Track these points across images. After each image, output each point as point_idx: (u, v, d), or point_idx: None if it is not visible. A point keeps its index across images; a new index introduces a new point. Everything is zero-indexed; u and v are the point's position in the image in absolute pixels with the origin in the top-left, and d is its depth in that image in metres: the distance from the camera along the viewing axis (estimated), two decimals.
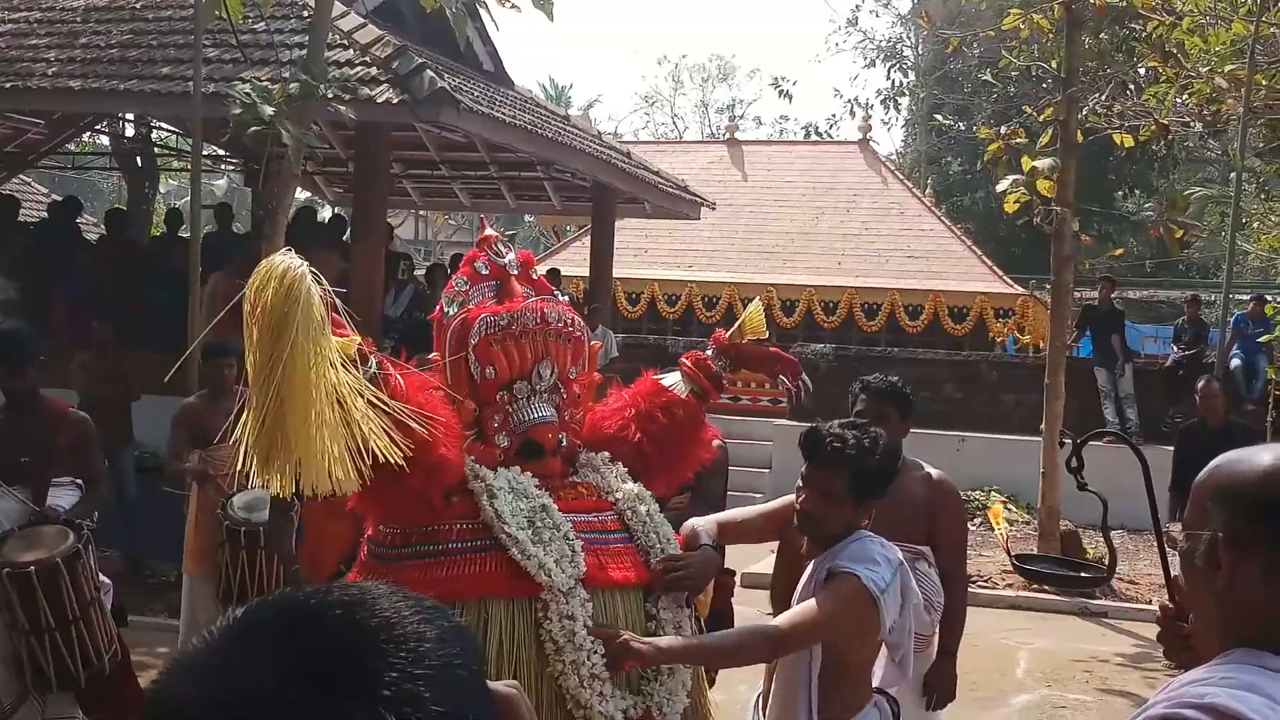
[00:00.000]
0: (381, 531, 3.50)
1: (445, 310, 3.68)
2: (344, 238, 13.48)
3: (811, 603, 3.66)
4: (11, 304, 12.72)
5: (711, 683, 5.66)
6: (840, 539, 3.79)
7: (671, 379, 3.93)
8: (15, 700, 5.91)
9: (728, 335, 4.01)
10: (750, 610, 9.60)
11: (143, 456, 11.14)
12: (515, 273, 3.79)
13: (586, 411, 3.87)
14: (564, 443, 3.71)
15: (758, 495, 16.33)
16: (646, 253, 22.94)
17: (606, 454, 3.78)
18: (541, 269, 15.56)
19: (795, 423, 17.27)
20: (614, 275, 18.34)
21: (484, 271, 3.77)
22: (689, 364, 3.92)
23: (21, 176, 22.10)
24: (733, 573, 6.40)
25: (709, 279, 22.41)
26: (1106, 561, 3.56)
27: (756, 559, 12.30)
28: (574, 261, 21.21)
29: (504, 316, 3.60)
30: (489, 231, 3.94)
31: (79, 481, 6.41)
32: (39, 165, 20.55)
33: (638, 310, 22.32)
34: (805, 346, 18.34)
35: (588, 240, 18.84)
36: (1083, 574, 3.83)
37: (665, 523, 3.71)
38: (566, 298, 3.95)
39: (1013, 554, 3.75)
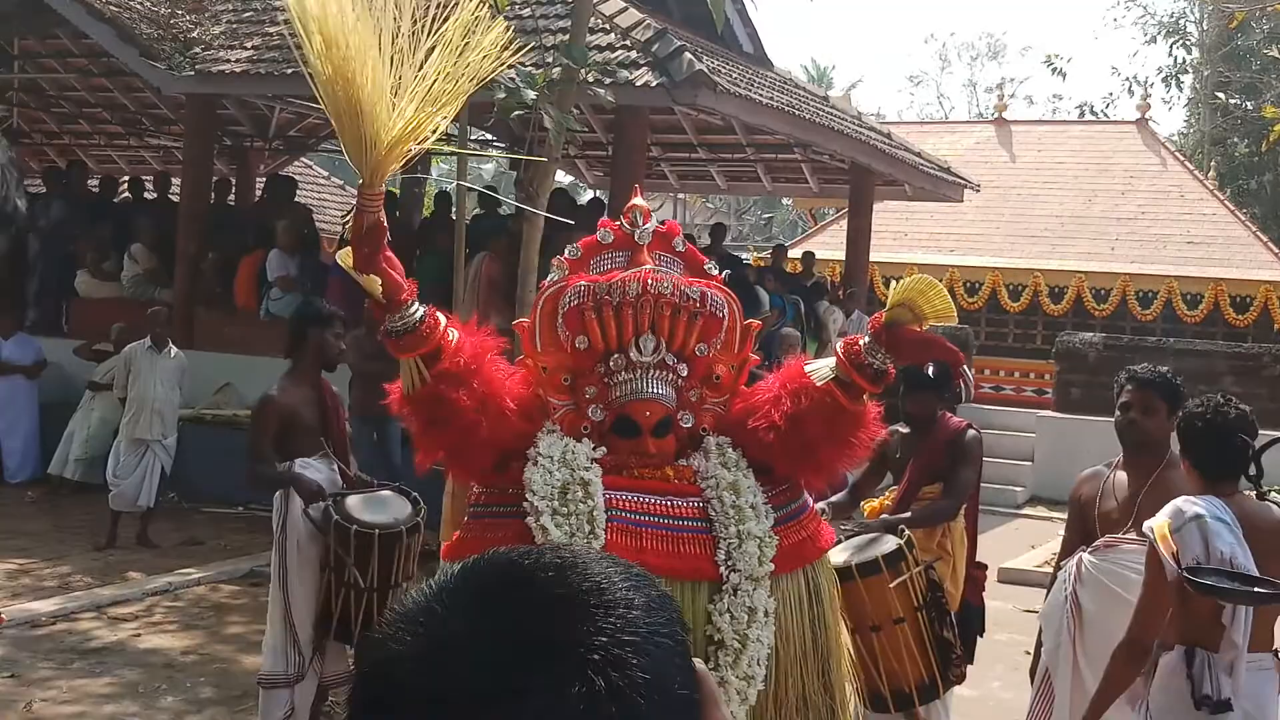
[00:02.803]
0: (474, 490, 3.60)
1: (551, 276, 3.60)
2: (602, 219, 13.67)
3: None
4: (290, 280, 13.36)
5: (961, 679, 5.51)
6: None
7: (819, 364, 3.65)
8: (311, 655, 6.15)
9: (884, 317, 3.55)
10: (1005, 606, 9.35)
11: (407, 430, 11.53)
12: (644, 242, 3.62)
13: (735, 395, 3.67)
14: (684, 423, 3.54)
15: (1018, 489, 15.87)
16: (906, 236, 22.53)
17: (728, 439, 3.57)
18: (796, 252, 15.54)
19: (1059, 414, 16.75)
20: (871, 259, 18.06)
21: (606, 240, 3.65)
22: (839, 351, 3.60)
23: (304, 160, 23.23)
24: (984, 566, 6.23)
25: (972, 263, 21.85)
26: None
27: (1013, 554, 11.96)
28: (830, 245, 20.99)
29: (602, 285, 3.47)
30: (636, 201, 3.79)
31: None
32: (319, 149, 21.53)
33: None
34: (1073, 335, 17.70)
35: (845, 223, 18.60)
36: (1257, 589, 3.72)
37: (758, 517, 3.41)
38: (724, 273, 3.75)
39: (1183, 567, 3.70)
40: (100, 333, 12.61)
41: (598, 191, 20.03)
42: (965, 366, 3.80)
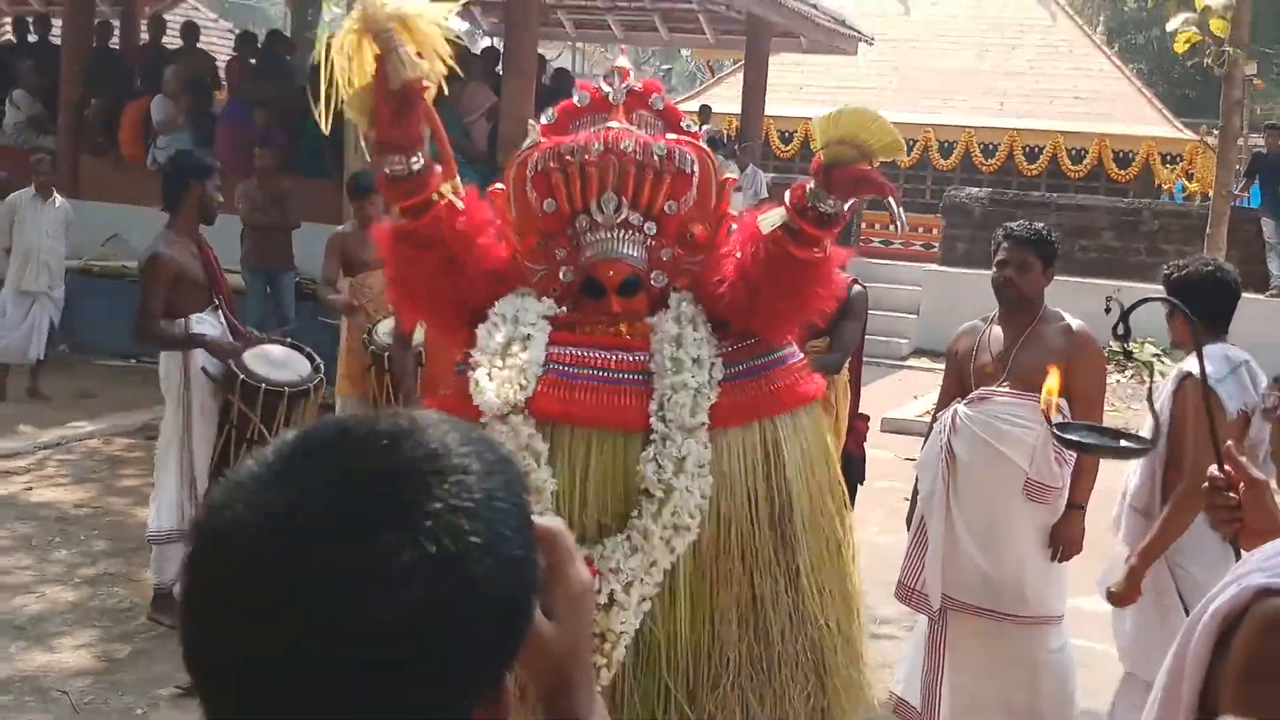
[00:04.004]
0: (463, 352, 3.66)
1: (526, 142, 3.61)
2: (496, 69, 13.48)
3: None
4: (171, 124, 13.04)
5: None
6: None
7: (773, 213, 3.46)
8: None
9: (824, 156, 3.29)
10: (886, 454, 9.66)
11: (302, 283, 11.46)
12: (618, 102, 3.60)
13: (712, 253, 3.59)
14: (657, 283, 3.53)
15: (903, 341, 16.23)
16: (802, 89, 22.50)
17: (690, 295, 3.53)
18: (693, 105, 15.53)
19: (944, 268, 17.07)
20: (767, 113, 18.06)
21: (583, 103, 3.63)
22: (786, 197, 3.41)
23: (191, 2, 22.48)
24: (866, 418, 6.43)
25: None
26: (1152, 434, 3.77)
27: (896, 404, 12.30)
28: (727, 98, 20.91)
29: (566, 146, 3.45)
30: (618, 61, 3.76)
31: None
32: None
33: (790, 149, 21.99)
34: (960, 190, 17.96)
35: (741, 77, 18.54)
36: (1122, 443, 3.99)
37: (699, 369, 3.36)
38: (707, 131, 3.77)
39: (1052, 422, 3.96)
40: None
41: (493, 39, 19.69)
42: (892, 199, 3.74)
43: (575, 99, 3.66)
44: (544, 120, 3.64)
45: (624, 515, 3.31)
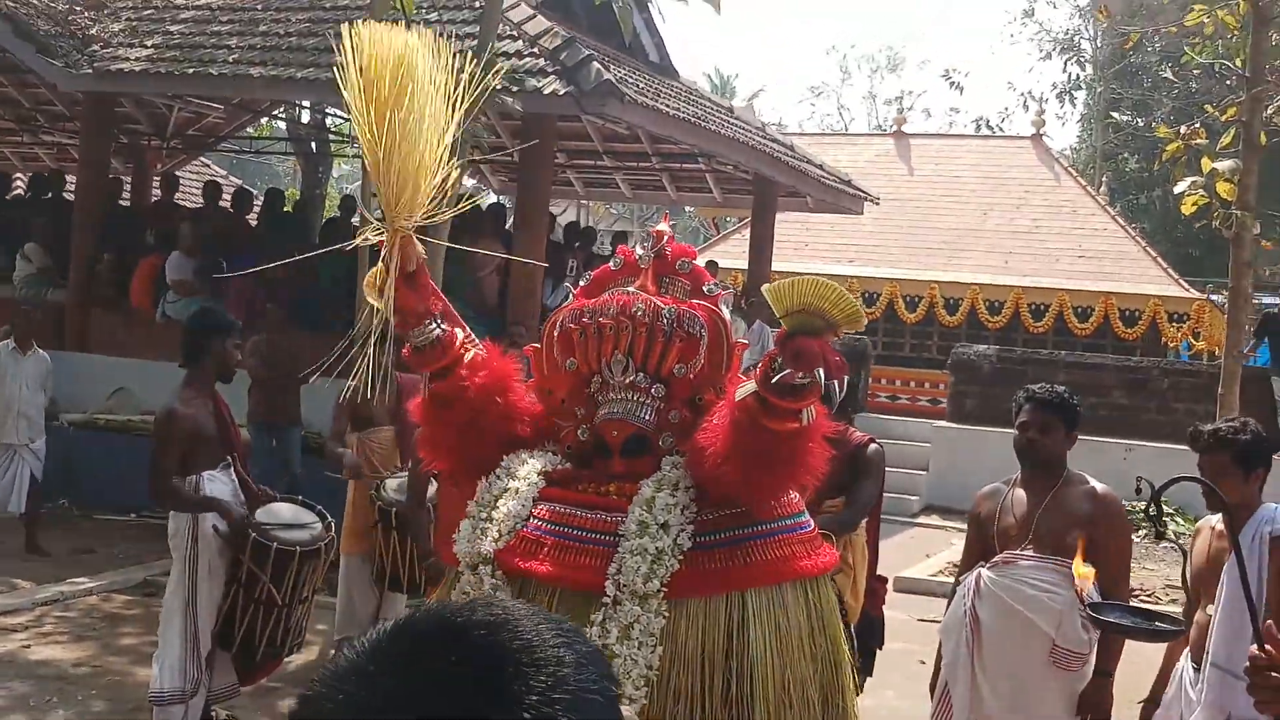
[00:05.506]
0: None
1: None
2: (506, 226, 13.62)
3: None
4: (188, 284, 13.12)
5: (857, 691, 5.57)
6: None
7: (747, 383, 3.30)
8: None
9: (787, 326, 3.15)
10: (900, 615, 9.48)
11: (308, 437, 11.39)
12: (644, 265, 3.71)
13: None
14: (664, 444, 3.54)
15: (913, 498, 16.09)
16: (808, 246, 22.73)
17: (681, 459, 3.49)
18: (700, 261, 15.42)
19: (953, 424, 17.02)
20: (773, 268, 18.21)
21: (617, 267, 3.77)
22: (757, 369, 3.27)
23: (203, 159, 22.86)
24: (884, 579, 6.31)
25: (871, 274, 22.09)
26: (1184, 614, 3.77)
27: (909, 563, 12.12)
28: (733, 254, 21.13)
29: (586, 310, 3.57)
30: (659, 226, 3.89)
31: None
32: (218, 149, 21.18)
33: None
34: (968, 348, 17.99)
35: (747, 232, 18.75)
36: (1156, 624, 3.89)
37: (664, 534, 3.29)
38: (724, 291, 3.82)
39: (1086, 603, 3.88)
40: None
41: (501, 197, 19.97)
42: (824, 372, 3.54)
43: (611, 263, 3.80)
44: (581, 283, 3.80)
45: None
